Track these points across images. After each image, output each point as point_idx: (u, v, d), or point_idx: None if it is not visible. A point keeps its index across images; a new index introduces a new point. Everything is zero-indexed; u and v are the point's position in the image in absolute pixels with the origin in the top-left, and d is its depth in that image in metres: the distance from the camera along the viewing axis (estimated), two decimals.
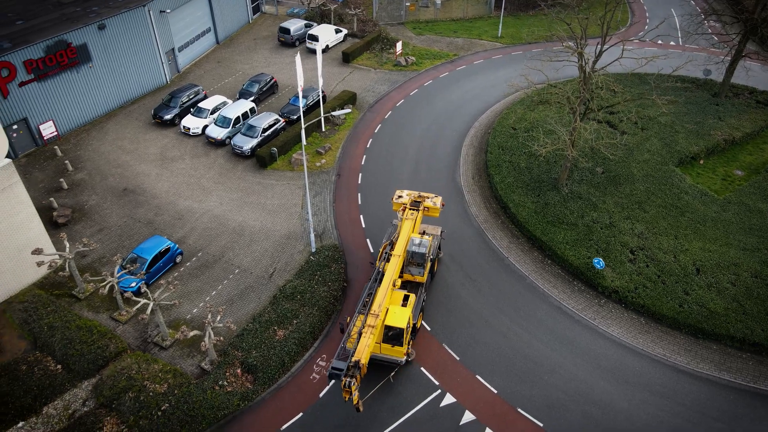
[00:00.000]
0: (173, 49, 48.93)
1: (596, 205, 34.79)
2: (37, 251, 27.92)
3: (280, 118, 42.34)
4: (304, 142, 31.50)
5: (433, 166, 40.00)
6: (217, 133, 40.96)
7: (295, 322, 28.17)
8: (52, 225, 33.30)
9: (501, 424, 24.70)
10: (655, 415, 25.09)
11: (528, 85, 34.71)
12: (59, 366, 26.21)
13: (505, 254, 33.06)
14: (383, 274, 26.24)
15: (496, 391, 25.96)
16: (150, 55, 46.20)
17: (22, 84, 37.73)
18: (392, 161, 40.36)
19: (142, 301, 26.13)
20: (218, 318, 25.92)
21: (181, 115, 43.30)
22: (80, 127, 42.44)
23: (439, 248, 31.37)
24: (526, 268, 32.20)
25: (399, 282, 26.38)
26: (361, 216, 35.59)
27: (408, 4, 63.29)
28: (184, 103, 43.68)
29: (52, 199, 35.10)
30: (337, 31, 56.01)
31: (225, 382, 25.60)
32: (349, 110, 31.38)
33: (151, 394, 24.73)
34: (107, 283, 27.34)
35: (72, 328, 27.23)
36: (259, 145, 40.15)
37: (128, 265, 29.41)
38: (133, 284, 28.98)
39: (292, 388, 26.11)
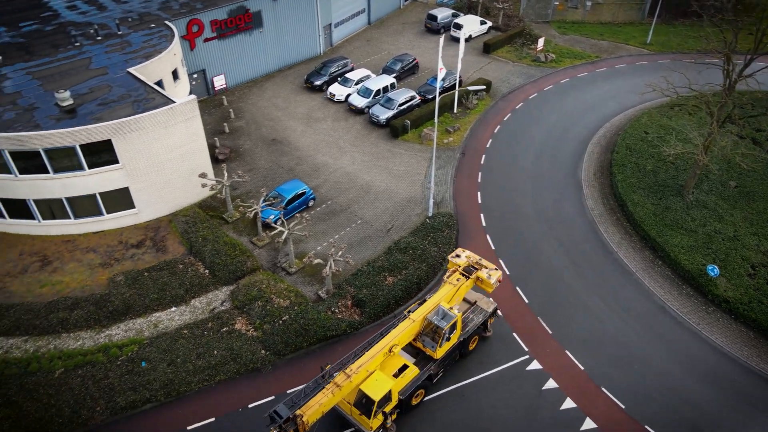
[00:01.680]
0: (330, 24, 53.84)
1: (722, 217, 33.90)
2: (203, 175, 33.36)
3: (417, 96, 45.39)
4: (436, 119, 34.20)
5: (556, 157, 40.90)
6: (359, 101, 44.98)
7: (404, 272, 31.06)
8: (213, 160, 39.01)
9: (582, 397, 25.78)
10: (745, 423, 24.76)
11: (667, 86, 34.51)
12: (207, 271, 31.30)
13: (615, 249, 33.45)
14: (382, 335, 24.07)
15: (583, 368, 27.00)
16: (310, 27, 51.38)
17: (206, 40, 44.23)
18: (516, 148, 41.84)
19: (279, 228, 30.42)
20: (339, 253, 29.47)
21: (329, 83, 47.92)
22: (245, 83, 48.61)
23: (486, 328, 27.83)
24: (634, 265, 32.42)
25: (398, 349, 23.84)
26: (479, 193, 37.62)
27: (557, 3, 63.57)
28: (333, 73, 48.26)
29: (216, 138, 41.06)
30: (482, 23, 57.98)
31: (336, 310, 29.17)
32: (483, 87, 33.44)
33: (275, 306, 28.90)
34: (252, 210, 32.11)
35: (220, 243, 32.25)
36: (395, 116, 43.49)
37: (271, 199, 34.09)
38: (272, 216, 33.49)
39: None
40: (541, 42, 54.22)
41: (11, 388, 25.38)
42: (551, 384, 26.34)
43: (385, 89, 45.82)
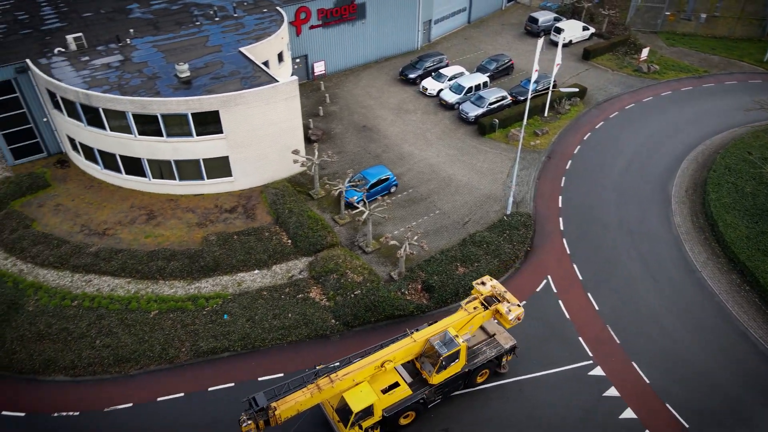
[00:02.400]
0: (430, 20, 54.91)
1: None
2: (296, 152, 35.58)
3: (508, 96, 45.51)
4: (525, 120, 34.40)
5: (646, 170, 39.72)
6: (450, 97, 45.78)
7: (476, 264, 31.66)
8: (306, 140, 41.29)
9: (644, 409, 25.33)
10: None
11: None
12: (289, 241, 33.45)
13: (699, 268, 32.21)
14: (382, 346, 23.73)
15: (648, 381, 26.47)
16: (410, 22, 52.72)
17: (311, 27, 46.70)
18: (605, 156, 41.03)
19: (361, 209, 31.96)
20: (415, 238, 30.56)
21: (423, 77, 49.05)
22: (342, 71, 50.79)
23: (501, 364, 26.40)
24: (718, 287, 31.11)
25: (391, 365, 23.20)
26: (560, 197, 37.36)
27: (668, 13, 61.00)
28: (427, 68, 49.34)
29: (310, 120, 43.39)
30: (585, 29, 56.85)
31: (406, 291, 30.30)
32: (576, 90, 33.24)
33: (349, 280, 30.46)
34: (337, 189, 33.88)
35: (304, 216, 34.30)
36: (484, 115, 43.90)
37: (356, 181, 35.76)
38: (355, 197, 35.10)
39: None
40: (645, 52, 52.43)
41: (113, 321, 28.60)
42: (613, 392, 26.05)
43: (477, 87, 46.30)
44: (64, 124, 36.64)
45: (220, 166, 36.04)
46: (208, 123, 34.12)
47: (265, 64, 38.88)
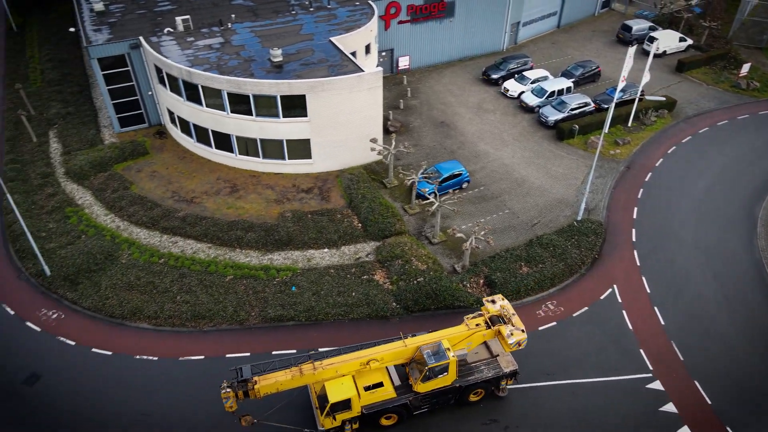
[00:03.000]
0: (518, 23, 54.72)
1: None
2: (374, 140, 36.89)
3: (591, 103, 44.74)
4: (606, 128, 33.88)
5: (732, 190, 37.97)
6: (531, 100, 45.60)
7: (540, 266, 31.70)
8: (384, 130, 42.55)
9: (702, 430, 24.62)
10: None
11: None
12: (360, 224, 34.78)
13: None
14: (375, 344, 23.76)
15: (710, 402, 25.67)
16: (498, 23, 52.80)
17: (400, 22, 47.91)
18: (689, 172, 39.56)
19: (431, 200, 32.77)
20: (482, 233, 31.01)
21: (505, 78, 49.08)
22: (426, 67, 51.71)
23: (499, 387, 25.52)
24: None
25: (377, 365, 23.14)
26: (635, 208, 36.51)
27: None
28: (511, 69, 49.32)
29: (390, 112, 44.62)
30: (681, 40, 54.68)
31: (467, 284, 30.86)
32: (662, 99, 32.36)
33: (413, 267, 31.37)
34: (410, 180, 34.86)
35: (376, 203, 35.52)
36: (564, 120, 43.44)
37: (429, 173, 36.61)
38: (427, 189, 35.93)
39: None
40: (746, 68, 49.80)
41: (193, 280, 31.00)
42: (670, 408, 25.47)
43: (560, 92, 45.83)
44: (166, 98, 39.79)
45: (301, 148, 37.95)
46: (295, 106, 36.04)
47: (353, 54, 40.39)
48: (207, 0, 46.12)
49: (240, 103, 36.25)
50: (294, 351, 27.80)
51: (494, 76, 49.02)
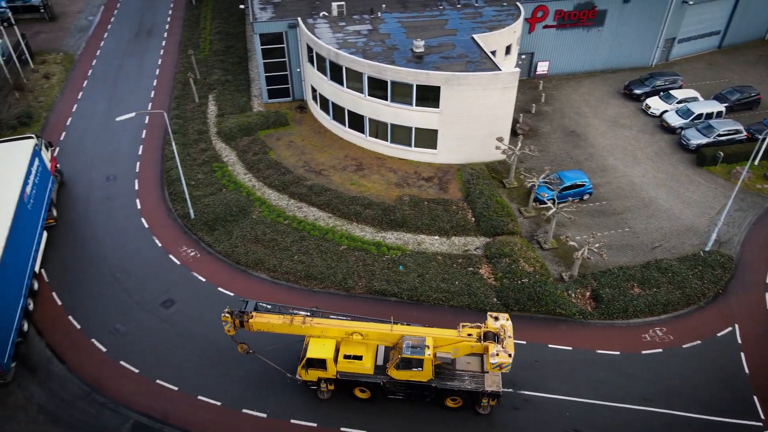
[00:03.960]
0: (674, 39, 51.70)
1: None
2: (500, 139, 37.25)
3: (743, 131, 41.43)
4: (757, 159, 31.36)
5: None
6: (674, 120, 43.18)
7: (654, 290, 30.39)
8: (512, 132, 42.61)
9: None
10: None
11: None
12: (473, 218, 35.43)
13: None
14: (368, 320, 24.76)
15: None
16: (651, 37, 50.30)
17: (545, 27, 47.44)
18: None
19: (549, 205, 32.58)
20: (597, 245, 30.36)
21: (649, 95, 46.82)
22: (564, 75, 50.74)
23: (478, 403, 25.02)
24: None
25: (359, 338, 24.31)
26: None
27: None
28: (657, 86, 46.92)
29: (521, 115, 44.56)
30: None
31: (573, 294, 30.42)
32: None
33: (520, 267, 31.50)
34: (531, 183, 34.85)
35: (493, 200, 35.93)
36: (708, 145, 40.67)
37: (551, 179, 36.30)
38: (546, 194, 35.68)
39: (618, 331, 29.06)
40: None
41: (311, 244, 33.57)
42: None
43: (709, 115, 42.91)
44: (312, 76, 42.99)
45: (428, 138, 39.27)
46: (428, 97, 37.38)
47: (493, 53, 40.86)
48: None
49: (378, 88, 38.31)
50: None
51: (637, 92, 46.95)
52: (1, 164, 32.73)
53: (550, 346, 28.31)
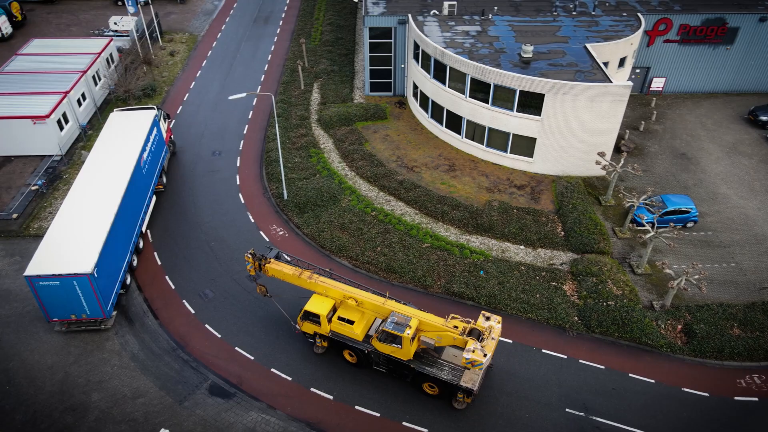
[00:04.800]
0: None
1: None
2: (601, 154, 35.66)
3: None
4: None
5: None
6: None
7: (756, 334, 27.92)
8: (615, 148, 40.66)
9: None
10: None
11: None
12: (563, 232, 34.22)
13: None
14: (358, 285, 26.53)
15: None
16: None
17: (666, 41, 44.72)
18: None
19: (648, 228, 30.80)
20: (696, 276, 28.34)
21: None
22: (681, 93, 47.62)
23: (454, 396, 25.12)
24: None
25: (353, 303, 25.96)
26: None
27: None
28: None
29: (627, 131, 42.38)
30: None
31: (662, 325, 28.61)
32: None
33: (607, 289, 30.07)
34: (630, 203, 33.10)
35: (586, 216, 34.52)
36: None
37: (652, 201, 34.30)
38: (645, 217, 33.74)
39: (709, 371, 26.96)
40: None
41: (395, 238, 33.91)
42: None
43: None
44: (415, 73, 43.31)
45: (525, 145, 38.37)
46: (531, 104, 36.51)
47: (605, 64, 39.17)
48: None
49: (479, 90, 37.93)
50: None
51: (763, 118, 43.14)
52: (124, 130, 35.80)
53: (630, 375, 26.83)
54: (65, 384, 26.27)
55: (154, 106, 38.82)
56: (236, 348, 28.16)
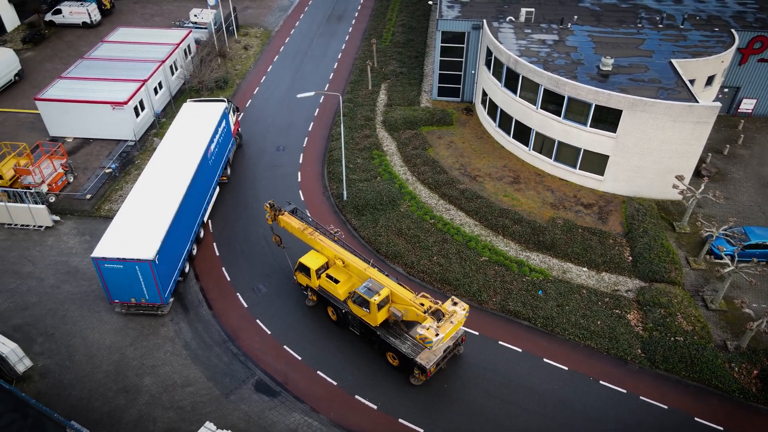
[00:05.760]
0: None
1: None
2: (680, 177, 33.47)
3: None
4: None
5: None
6: None
7: None
8: (695, 173, 38.15)
9: None
10: None
11: None
12: (630, 257, 32.35)
13: None
14: (352, 251, 28.32)
15: None
16: None
17: (761, 60, 41.55)
18: None
19: (726, 261, 28.59)
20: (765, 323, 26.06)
21: None
22: None
23: (411, 372, 26.18)
24: None
25: (340, 263, 28.00)
26: None
27: None
28: None
29: (709, 154, 39.64)
30: None
31: (736, 368, 26.44)
32: None
33: (676, 323, 28.14)
34: (708, 232, 30.88)
35: (657, 242, 32.48)
36: None
37: (734, 233, 31.86)
38: (724, 249, 31.37)
39: None
40: None
41: (452, 248, 33.05)
42: None
43: None
44: (485, 80, 42.20)
45: (596, 162, 36.59)
46: (606, 119, 34.74)
47: (691, 82, 36.79)
48: None
49: (552, 102, 36.46)
50: (520, 350, 27.90)
51: None
52: (195, 121, 36.68)
53: (696, 419, 24.95)
54: (120, 365, 27.07)
55: (225, 99, 39.60)
56: (285, 346, 28.20)
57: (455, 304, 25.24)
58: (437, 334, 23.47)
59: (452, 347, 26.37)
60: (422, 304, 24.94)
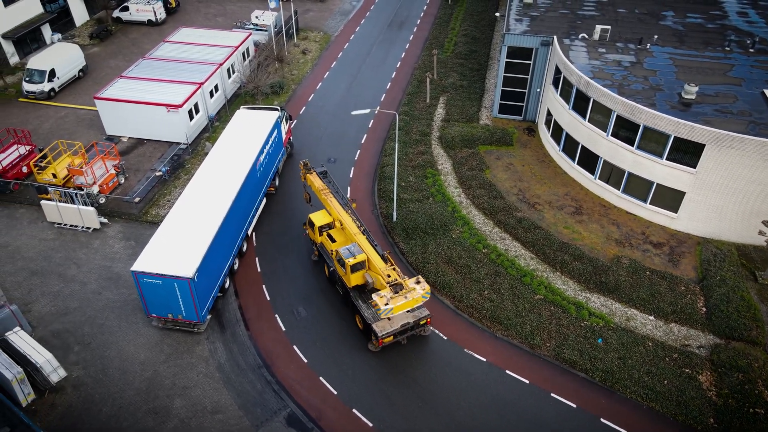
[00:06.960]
0: None
1: None
2: (766, 222, 30.05)
3: None
4: None
5: None
6: None
7: None
8: None
9: None
10: None
11: None
12: (704, 309, 29.21)
13: None
14: (356, 219, 29.86)
15: None
16: None
17: None
18: None
19: None
20: None
21: None
22: None
23: (373, 335, 27.17)
24: None
25: (338, 225, 30.48)
26: None
27: None
28: None
29: None
30: None
31: None
32: None
33: (756, 391, 25.01)
34: None
35: (737, 294, 29.23)
36: None
37: None
38: None
39: None
40: None
41: (505, 283, 30.77)
42: None
43: None
44: (551, 100, 39.56)
45: (670, 197, 33.48)
46: (686, 152, 31.65)
47: None
48: (634, 14, 43.57)
49: (625, 129, 33.58)
50: (574, 405, 25.45)
51: None
52: (246, 131, 35.80)
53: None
54: (153, 383, 26.31)
55: (278, 107, 38.63)
56: (320, 377, 26.75)
57: (418, 282, 26.34)
58: (387, 304, 25.09)
59: (413, 324, 27.22)
60: (389, 276, 26.35)
